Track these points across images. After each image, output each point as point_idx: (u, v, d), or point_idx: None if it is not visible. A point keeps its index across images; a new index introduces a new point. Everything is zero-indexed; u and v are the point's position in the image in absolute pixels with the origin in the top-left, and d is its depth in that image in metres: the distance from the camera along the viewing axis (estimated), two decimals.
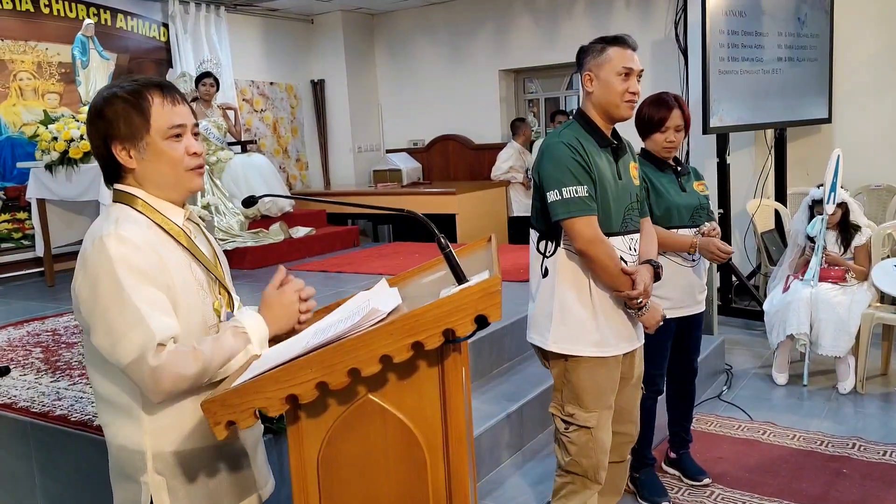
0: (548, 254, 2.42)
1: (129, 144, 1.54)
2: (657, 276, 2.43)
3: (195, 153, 1.58)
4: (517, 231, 7.71)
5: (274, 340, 1.61)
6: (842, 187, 4.42)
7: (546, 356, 2.50)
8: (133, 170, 1.56)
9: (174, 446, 1.56)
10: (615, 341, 2.42)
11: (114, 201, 1.59)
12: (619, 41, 2.35)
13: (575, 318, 2.38)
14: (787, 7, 5.73)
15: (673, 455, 3.38)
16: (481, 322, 1.32)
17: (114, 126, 1.53)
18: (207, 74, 6.49)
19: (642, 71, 2.37)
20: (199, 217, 1.73)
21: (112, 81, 1.60)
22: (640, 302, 2.34)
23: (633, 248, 2.43)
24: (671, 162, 3.06)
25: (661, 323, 2.49)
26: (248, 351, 1.53)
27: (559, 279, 2.39)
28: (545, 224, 2.39)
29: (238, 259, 5.92)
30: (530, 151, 7.83)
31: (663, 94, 3.03)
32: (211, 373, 1.49)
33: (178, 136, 1.56)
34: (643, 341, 2.58)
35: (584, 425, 2.42)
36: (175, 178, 1.58)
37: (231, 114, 6.93)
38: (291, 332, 1.64)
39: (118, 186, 1.59)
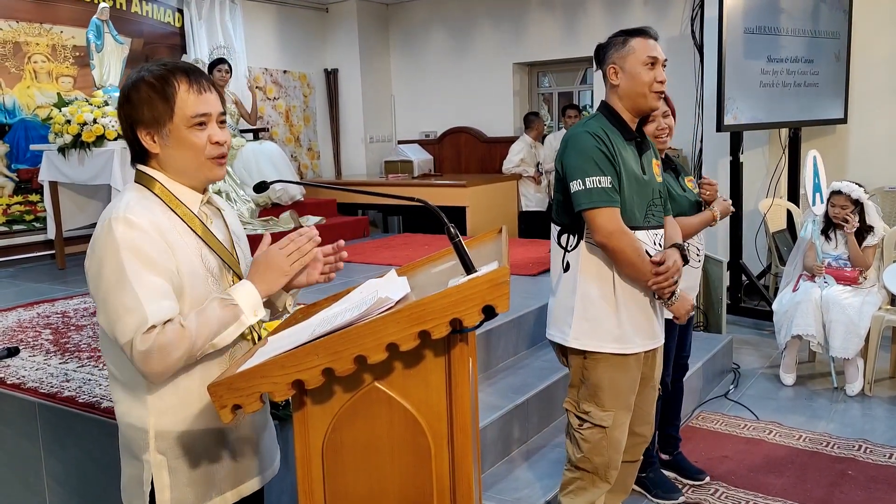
0: (569, 248, 2.38)
1: (153, 130, 1.55)
2: (684, 260, 2.37)
3: (217, 142, 1.58)
4: (527, 225, 7.70)
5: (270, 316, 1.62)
6: (859, 186, 4.38)
7: (564, 352, 2.47)
8: (156, 154, 1.58)
9: (177, 427, 1.58)
10: (638, 338, 2.37)
11: (134, 181, 1.61)
12: (640, 32, 2.33)
13: (597, 313, 2.34)
14: (804, 6, 5.68)
15: (665, 457, 3.36)
16: (489, 312, 1.32)
17: (138, 111, 1.54)
18: (221, 61, 6.48)
19: (666, 60, 2.34)
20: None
21: (143, 64, 1.60)
22: (673, 284, 2.29)
23: (657, 244, 2.38)
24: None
25: (692, 312, 2.45)
26: (241, 322, 1.52)
27: (581, 274, 2.35)
28: (567, 217, 2.36)
29: None
30: (542, 145, 7.82)
31: None
32: (200, 347, 1.49)
33: (202, 124, 1.57)
34: (664, 340, 2.53)
35: (600, 424, 2.39)
36: (196, 165, 1.59)
37: (248, 97, 6.91)
38: (289, 287, 1.68)
39: (140, 167, 1.61)
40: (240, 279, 1.68)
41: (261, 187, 1.80)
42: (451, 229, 1.49)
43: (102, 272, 1.47)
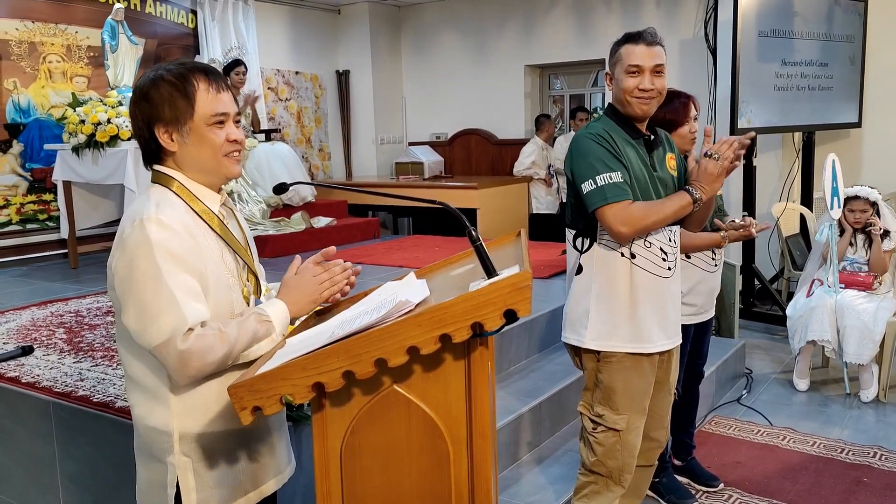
0: (583, 250, 2.38)
1: (173, 128, 1.56)
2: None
3: (235, 140, 1.60)
4: (538, 229, 7.68)
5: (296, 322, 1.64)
6: (873, 188, 4.36)
7: (579, 354, 2.46)
8: (173, 153, 1.59)
9: (200, 429, 1.58)
10: (655, 337, 2.36)
11: (152, 182, 1.61)
12: (632, 38, 2.30)
13: (613, 313, 2.33)
14: (819, 9, 5.65)
15: (679, 463, 3.34)
16: (510, 317, 1.31)
17: (158, 109, 1.55)
18: (238, 62, 6.47)
19: (661, 66, 2.27)
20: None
21: (157, 65, 1.61)
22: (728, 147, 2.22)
23: (672, 241, 2.38)
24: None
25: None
26: (272, 339, 1.56)
27: (596, 275, 2.35)
28: (580, 220, 2.36)
29: (259, 247, 5.80)
30: (552, 147, 7.81)
31: (671, 91, 2.95)
32: (235, 356, 1.52)
33: (221, 122, 1.58)
34: (681, 340, 2.51)
35: (613, 427, 2.38)
36: (214, 163, 1.60)
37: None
38: (327, 311, 1.68)
39: (157, 168, 1.62)
40: (255, 277, 1.70)
41: (281, 189, 1.81)
42: (473, 233, 1.49)
43: (134, 273, 1.47)
